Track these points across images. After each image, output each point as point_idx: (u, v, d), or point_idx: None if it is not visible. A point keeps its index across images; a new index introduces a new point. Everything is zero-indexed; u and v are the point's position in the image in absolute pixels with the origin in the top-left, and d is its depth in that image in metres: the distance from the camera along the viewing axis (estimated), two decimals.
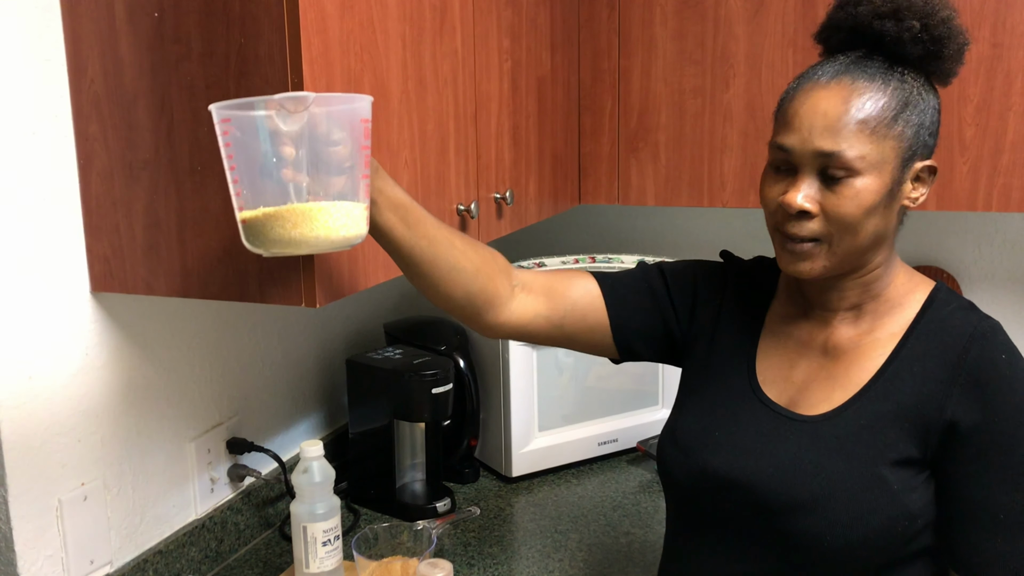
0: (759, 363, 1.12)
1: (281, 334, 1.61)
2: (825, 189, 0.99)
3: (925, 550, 1.02)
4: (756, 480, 1.03)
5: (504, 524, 1.58)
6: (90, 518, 1.22)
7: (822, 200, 1.00)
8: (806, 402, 1.06)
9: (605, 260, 2.08)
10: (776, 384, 1.10)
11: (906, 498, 0.98)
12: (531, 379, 1.73)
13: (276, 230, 0.88)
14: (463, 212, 1.40)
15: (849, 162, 0.98)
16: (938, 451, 0.99)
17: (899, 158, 0.99)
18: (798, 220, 1.01)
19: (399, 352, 1.64)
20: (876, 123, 0.99)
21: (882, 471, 0.99)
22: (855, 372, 1.05)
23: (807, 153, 1.00)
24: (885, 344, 1.04)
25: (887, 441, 1.00)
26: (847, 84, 1.00)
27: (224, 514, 1.46)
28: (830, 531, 0.98)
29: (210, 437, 1.44)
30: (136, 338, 1.29)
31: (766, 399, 1.09)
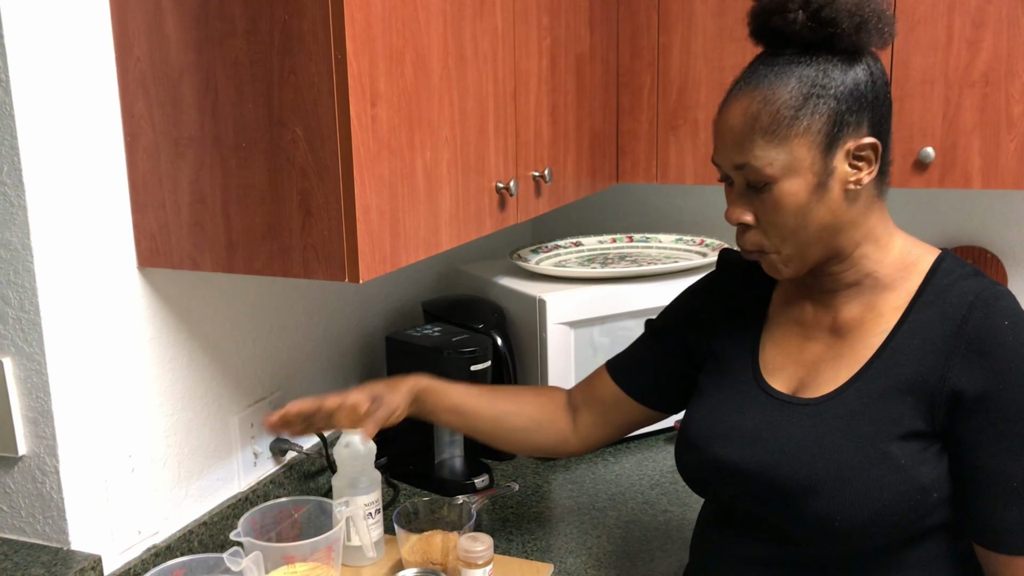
0: (765, 352, 1.13)
1: (322, 311, 1.63)
2: (755, 197, 1.02)
3: (944, 524, 1.02)
4: (763, 467, 1.04)
5: (542, 501, 1.59)
6: (137, 489, 1.24)
7: (755, 209, 1.03)
8: (814, 384, 1.07)
9: (642, 239, 2.07)
10: (785, 370, 1.10)
11: (916, 472, 0.98)
12: (568, 358, 1.73)
13: None
14: (502, 190, 1.41)
15: (759, 172, 1.00)
16: (946, 422, 0.98)
17: (815, 151, 0.99)
18: (742, 233, 1.05)
19: (438, 330, 1.65)
20: (775, 127, 0.99)
21: (887, 447, 0.99)
22: (860, 350, 1.05)
23: (728, 167, 1.04)
24: (888, 319, 1.04)
25: (891, 416, 1.00)
26: (748, 93, 1.01)
27: (267, 487, 1.48)
28: (839, 511, 0.99)
29: (253, 412, 1.46)
30: (182, 313, 1.31)
31: (769, 387, 1.10)
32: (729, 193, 1.06)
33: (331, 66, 1.04)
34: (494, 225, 1.41)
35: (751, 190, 1.02)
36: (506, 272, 1.87)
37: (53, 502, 1.15)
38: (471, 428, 1.30)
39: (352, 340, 1.73)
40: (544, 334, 1.70)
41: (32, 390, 1.12)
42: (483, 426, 1.29)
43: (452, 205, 1.28)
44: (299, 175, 1.08)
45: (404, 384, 1.27)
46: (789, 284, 1.15)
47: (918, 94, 1.73)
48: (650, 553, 1.42)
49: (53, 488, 1.14)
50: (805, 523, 1.01)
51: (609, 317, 1.76)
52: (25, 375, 1.12)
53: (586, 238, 2.07)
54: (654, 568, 1.37)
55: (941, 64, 1.70)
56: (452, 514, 1.35)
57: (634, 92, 1.92)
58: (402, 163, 1.15)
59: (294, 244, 1.11)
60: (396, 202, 1.15)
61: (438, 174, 1.23)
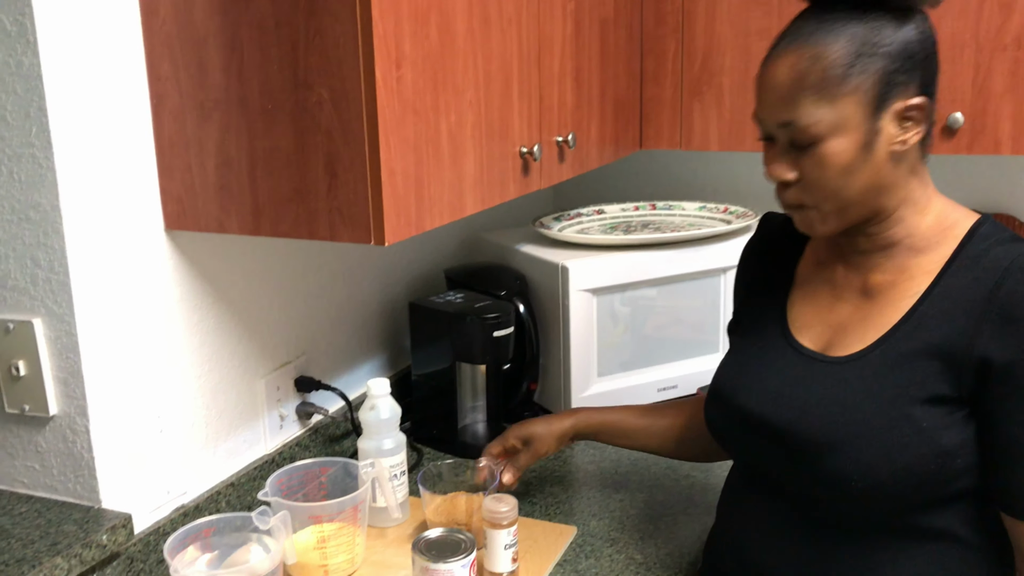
0: (794, 310, 1.14)
1: (346, 276, 1.64)
2: (799, 155, 1.01)
3: (969, 491, 1.01)
4: (784, 422, 1.05)
5: (564, 465, 1.60)
6: (166, 450, 1.26)
7: (798, 167, 1.01)
8: (841, 344, 1.06)
9: (665, 207, 2.07)
10: (813, 328, 1.10)
11: (938, 436, 0.97)
12: (591, 325, 1.73)
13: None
14: (526, 155, 1.40)
15: (806, 130, 0.99)
16: (974, 389, 0.98)
17: (864, 110, 0.98)
18: (782, 189, 1.04)
19: (460, 296, 1.66)
20: (824, 85, 0.97)
21: (910, 409, 0.98)
22: (888, 312, 1.04)
23: (771, 125, 1.02)
24: (920, 282, 1.03)
25: (916, 379, 0.99)
26: (796, 49, 0.99)
27: (292, 450, 1.50)
28: (857, 470, 0.99)
29: (279, 375, 1.48)
30: (208, 276, 1.32)
31: (796, 344, 1.10)
32: (769, 150, 1.05)
33: (356, 27, 1.03)
34: (518, 190, 1.41)
35: (794, 148, 1.01)
36: (528, 240, 1.87)
37: (84, 461, 1.17)
38: (640, 446, 1.40)
39: (375, 306, 1.74)
40: (567, 301, 1.70)
41: (62, 351, 1.14)
42: (652, 442, 1.39)
43: (476, 169, 1.28)
44: (324, 137, 1.09)
45: (560, 427, 1.38)
46: (821, 245, 1.15)
47: (947, 58, 1.70)
48: (673, 516, 1.42)
49: (84, 447, 1.16)
50: (823, 481, 1.02)
51: (632, 285, 1.76)
52: (55, 336, 1.14)
53: (608, 206, 2.06)
54: (678, 531, 1.38)
55: (972, 27, 1.67)
56: (475, 476, 1.36)
57: (658, 57, 1.90)
58: (427, 126, 1.15)
59: (320, 206, 1.11)
60: (421, 165, 1.15)
61: (462, 137, 1.23)
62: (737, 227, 1.84)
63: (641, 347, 1.81)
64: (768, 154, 1.05)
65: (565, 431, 1.37)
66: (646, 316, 1.81)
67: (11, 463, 1.21)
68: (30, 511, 1.17)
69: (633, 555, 1.32)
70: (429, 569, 1.11)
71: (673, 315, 1.85)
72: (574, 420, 1.38)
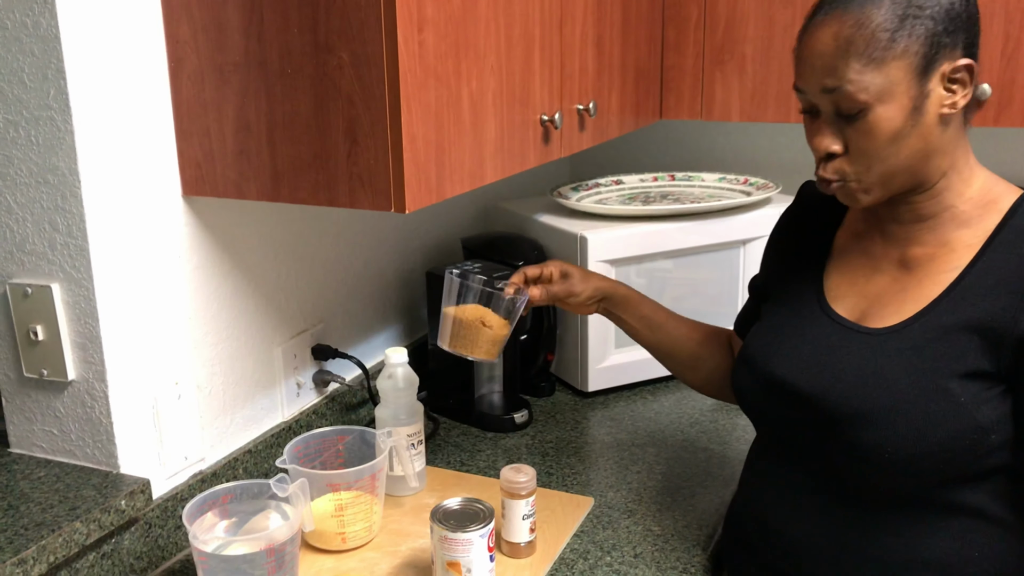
0: (830, 280, 1.12)
1: (363, 245, 1.62)
2: (846, 125, 0.98)
3: (1002, 467, 1.00)
4: (819, 391, 1.04)
5: (581, 436, 1.59)
6: (183, 416, 1.26)
7: (845, 137, 0.99)
8: (878, 315, 1.05)
9: (685, 178, 2.04)
10: (848, 299, 1.09)
11: (976, 411, 0.96)
12: None
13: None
14: (547, 123, 1.38)
15: (853, 97, 0.96)
16: (1013, 366, 0.96)
17: (912, 74, 0.95)
18: (825, 162, 1.01)
19: (478, 266, 1.64)
20: (870, 50, 0.95)
21: (948, 383, 0.97)
22: (928, 285, 1.02)
23: (816, 94, 1.00)
24: (961, 256, 1.01)
25: (955, 354, 0.98)
26: (838, 16, 0.97)
27: (309, 418, 1.50)
28: (891, 443, 0.98)
29: (296, 343, 1.47)
30: (226, 243, 1.31)
31: (833, 313, 1.09)
32: (812, 123, 1.03)
33: None
34: (538, 159, 1.39)
35: (840, 118, 0.99)
36: (546, 210, 1.86)
37: (102, 426, 1.16)
38: (659, 344, 1.35)
39: (392, 275, 1.73)
40: None
41: (80, 316, 1.13)
42: (670, 345, 1.35)
43: (497, 137, 1.26)
44: (345, 102, 1.07)
45: (597, 280, 1.34)
46: (860, 216, 1.13)
47: None
48: (691, 489, 1.42)
49: (102, 413, 1.16)
50: (855, 452, 1.01)
51: (650, 256, 1.74)
52: (74, 300, 1.13)
53: (627, 176, 2.04)
54: (695, 503, 1.37)
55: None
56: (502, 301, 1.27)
57: (680, 26, 1.87)
58: (448, 92, 1.13)
59: (340, 173, 1.10)
60: (442, 132, 1.13)
61: (484, 104, 1.21)
62: (757, 199, 1.82)
63: None
64: (811, 127, 1.03)
65: (602, 286, 1.34)
66: (664, 287, 1.79)
67: (29, 427, 1.21)
68: (48, 476, 1.17)
69: (651, 527, 1.32)
70: (448, 538, 1.11)
71: (691, 287, 1.83)
72: (613, 284, 1.35)
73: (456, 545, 1.11)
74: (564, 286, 1.32)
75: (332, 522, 1.22)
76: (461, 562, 1.11)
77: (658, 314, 1.35)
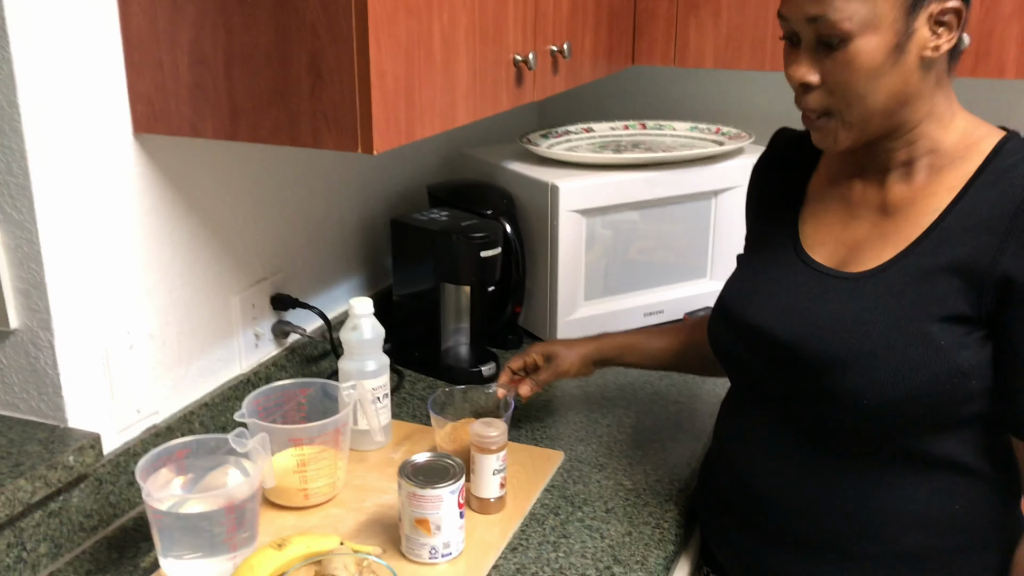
0: (807, 227, 1.09)
1: (324, 190, 1.55)
2: (825, 57, 0.95)
3: (981, 416, 0.98)
4: (796, 338, 1.01)
5: (549, 390, 1.55)
6: (136, 367, 1.19)
7: (823, 70, 0.96)
8: (857, 261, 1.02)
9: (656, 127, 1.99)
10: (826, 246, 1.06)
11: (955, 355, 0.94)
12: (579, 247, 1.67)
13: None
14: (520, 63, 1.32)
15: (837, 25, 0.93)
16: (993, 308, 0.94)
17: (900, 9, 0.92)
18: (804, 93, 0.98)
19: (445, 214, 1.58)
20: None
21: (927, 327, 0.95)
22: (907, 228, 1.00)
23: (799, 21, 0.96)
24: (942, 198, 0.99)
25: (935, 296, 0.95)
26: None
27: (268, 370, 1.44)
28: (870, 389, 0.96)
29: (254, 292, 1.41)
30: (180, 185, 1.23)
31: (810, 260, 1.06)
32: (792, 51, 0.99)
33: None
34: (511, 101, 1.33)
35: (822, 47, 0.95)
36: (515, 157, 1.80)
37: (48, 378, 1.10)
38: (667, 366, 1.38)
39: (355, 222, 1.66)
40: (556, 222, 1.63)
41: (23, 260, 1.06)
42: (677, 361, 1.36)
43: (469, 76, 1.19)
44: (309, 34, 1.00)
45: (582, 348, 1.35)
46: (837, 161, 1.09)
47: None
48: (661, 443, 1.39)
49: (48, 363, 1.09)
50: (833, 399, 0.98)
51: (622, 206, 1.70)
52: (15, 244, 1.05)
53: (597, 124, 1.98)
54: (666, 457, 1.35)
55: None
56: (489, 402, 1.32)
57: None
58: (419, 25, 1.06)
59: (303, 110, 1.03)
60: (412, 68, 1.06)
61: (455, 41, 1.15)
62: (729, 149, 1.78)
63: (628, 271, 1.76)
64: (790, 56, 0.99)
65: (588, 352, 1.35)
66: (634, 239, 1.75)
67: None
68: None
69: (622, 480, 1.29)
70: (416, 495, 1.07)
71: (662, 239, 1.79)
72: (598, 343, 1.37)
73: (425, 502, 1.07)
74: (551, 370, 1.35)
75: (294, 478, 1.18)
76: (430, 519, 1.07)
77: (653, 342, 1.37)
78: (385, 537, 1.14)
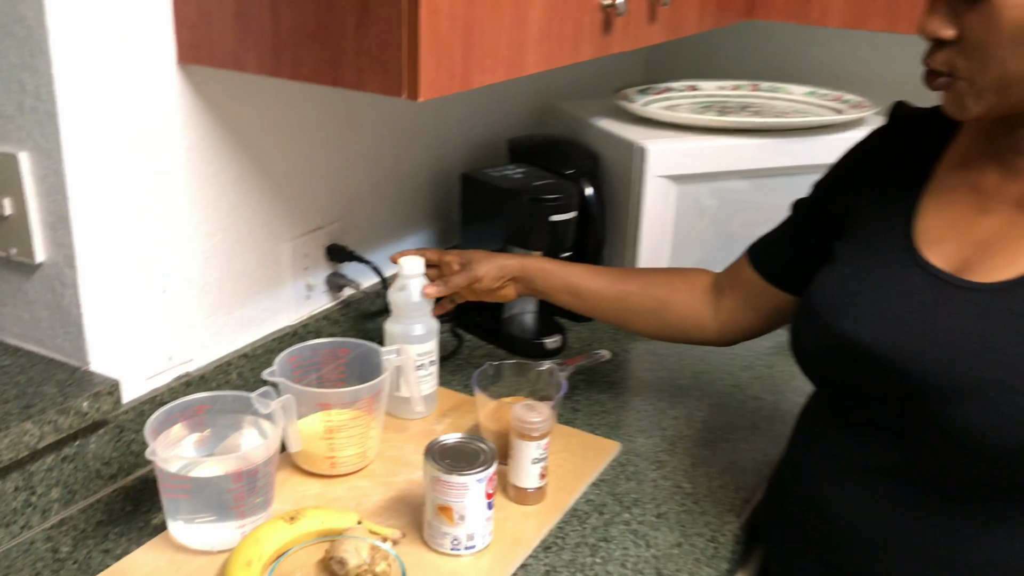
0: (923, 220, 0.92)
1: (393, 138, 1.45)
2: (967, 9, 0.80)
3: None
4: (905, 356, 0.85)
5: (616, 371, 1.43)
6: (169, 312, 1.13)
7: (961, 24, 0.80)
8: (984, 266, 0.85)
9: (770, 89, 1.81)
10: (946, 244, 0.89)
11: None
12: (667, 217, 1.53)
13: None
14: (608, 7, 1.17)
15: None
16: None
17: None
18: (934, 51, 0.83)
19: (520, 171, 1.46)
20: None
21: None
22: None
23: None
24: None
25: None
26: None
27: (319, 323, 1.36)
28: (995, 425, 0.79)
29: (308, 241, 1.33)
30: (230, 123, 1.15)
31: (925, 262, 0.89)
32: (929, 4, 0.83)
33: None
34: (594, 50, 1.19)
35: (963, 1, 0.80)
36: (608, 113, 1.65)
37: (72, 317, 1.04)
38: (593, 309, 1.24)
39: (425, 174, 1.56)
40: (641, 187, 1.49)
41: (49, 191, 1.00)
42: (603, 307, 1.23)
43: (544, 18, 1.06)
44: None
45: (503, 260, 1.23)
46: (970, 141, 0.92)
47: None
48: (732, 443, 1.25)
49: (72, 302, 1.04)
50: (945, 434, 0.83)
51: (720, 175, 1.54)
52: (42, 173, 1.00)
53: (704, 82, 1.81)
54: (736, 460, 1.21)
55: None
56: (540, 382, 1.21)
57: None
58: None
59: (347, 47, 0.93)
60: (473, 6, 0.94)
61: None
62: (849, 118, 1.59)
63: (723, 246, 1.60)
64: (927, 6, 0.83)
65: (509, 264, 1.23)
66: (734, 211, 1.58)
67: (1, 309, 1.10)
68: (14, 365, 1.06)
69: (681, 482, 1.16)
70: (440, 480, 0.97)
71: (765, 213, 1.61)
72: (522, 260, 1.24)
73: (449, 489, 0.97)
74: (465, 274, 1.22)
75: (321, 444, 1.10)
76: (453, 507, 0.97)
77: (584, 279, 1.22)
78: (410, 519, 1.05)
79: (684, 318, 1.20)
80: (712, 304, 1.19)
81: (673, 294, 1.20)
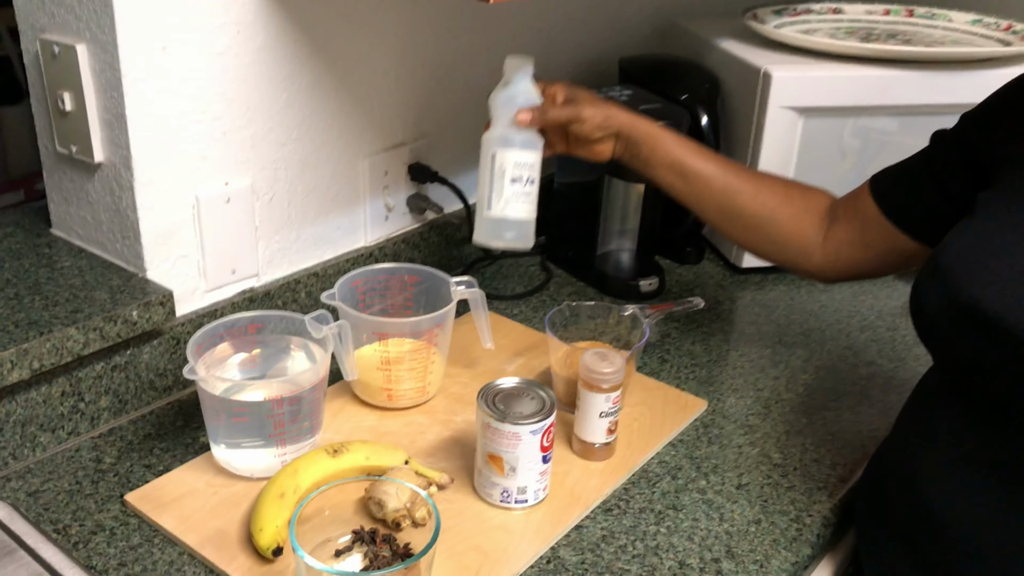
0: None
1: (490, 51, 1.34)
2: None
3: None
4: None
5: (717, 321, 1.30)
6: (233, 223, 1.08)
7: None
8: None
9: (927, 15, 1.59)
10: None
11: None
12: (790, 153, 1.36)
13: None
14: None
15: None
16: None
17: None
18: None
19: (628, 93, 1.33)
20: None
21: None
22: None
23: None
24: None
25: None
26: None
27: (397, 247, 1.29)
28: None
29: (389, 157, 1.24)
30: (305, 24, 1.07)
31: None
32: None
33: None
34: None
35: None
36: (735, 35, 1.49)
37: (129, 222, 1.00)
38: (693, 195, 1.06)
39: None
40: (762, 119, 1.33)
41: (106, 87, 0.95)
42: (707, 197, 1.05)
43: None
44: None
45: (613, 108, 1.05)
46: None
47: None
48: (835, 412, 1.11)
49: (128, 206, 0.99)
50: None
51: (854, 109, 1.36)
52: (100, 68, 0.94)
53: (850, 4, 1.61)
54: (837, 431, 1.07)
55: None
56: (621, 327, 1.10)
57: None
58: None
59: None
60: None
61: None
62: (1016, 52, 1.37)
63: None
64: None
65: (618, 115, 1.05)
66: (875, 153, 1.40)
67: (67, 209, 1.08)
68: (73, 267, 1.03)
69: (770, 451, 1.03)
70: (491, 427, 0.88)
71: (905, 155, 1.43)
72: (633, 118, 1.06)
73: (500, 437, 0.88)
74: (568, 109, 1.03)
75: (378, 375, 1.03)
76: (504, 457, 0.89)
77: (697, 161, 1.04)
78: (463, 463, 0.97)
79: (790, 236, 1.05)
80: (822, 230, 1.05)
81: (785, 207, 1.05)
